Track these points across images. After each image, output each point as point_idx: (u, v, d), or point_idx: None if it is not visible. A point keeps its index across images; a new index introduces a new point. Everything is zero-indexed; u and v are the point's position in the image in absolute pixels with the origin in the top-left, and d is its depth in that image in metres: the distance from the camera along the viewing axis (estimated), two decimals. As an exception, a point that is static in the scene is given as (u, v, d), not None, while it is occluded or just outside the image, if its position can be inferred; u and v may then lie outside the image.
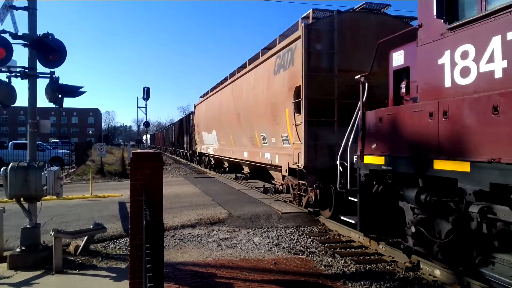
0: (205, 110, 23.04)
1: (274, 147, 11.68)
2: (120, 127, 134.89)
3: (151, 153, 4.81)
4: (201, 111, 24.85)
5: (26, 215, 6.78)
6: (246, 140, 14.52)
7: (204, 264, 6.46)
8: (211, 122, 21.03)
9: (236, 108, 15.51)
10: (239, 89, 15.14)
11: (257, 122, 12.89)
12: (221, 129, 18.51)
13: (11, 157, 24.58)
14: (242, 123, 14.67)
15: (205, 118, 22.97)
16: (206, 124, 22.68)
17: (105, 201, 12.76)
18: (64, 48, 7.08)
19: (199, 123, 25.41)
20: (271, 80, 11.42)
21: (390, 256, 6.81)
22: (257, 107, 12.63)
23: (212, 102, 21.13)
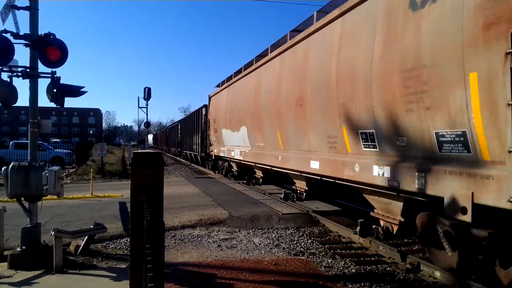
0: (228, 100, 16.86)
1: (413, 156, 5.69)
2: (121, 127, 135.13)
3: (152, 153, 4.81)
4: (220, 102, 18.48)
5: (27, 214, 6.79)
6: (316, 140, 8.62)
7: (204, 265, 6.46)
8: (238, 116, 15.00)
9: (292, 92, 9.58)
10: (300, 59, 9.25)
11: (353, 108, 6.94)
12: (258, 124, 12.57)
13: (12, 157, 24.60)
14: (310, 113, 8.68)
15: (227, 111, 16.89)
16: (229, 119, 16.57)
17: (106, 201, 12.77)
18: (66, 48, 7.09)
19: (217, 118, 18.97)
20: (403, 22, 5.63)
21: (390, 257, 6.81)
22: (355, 81, 6.82)
23: (240, 88, 15.06)
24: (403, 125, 5.74)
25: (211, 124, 20.58)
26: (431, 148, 5.26)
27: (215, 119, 19.54)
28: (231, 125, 16.26)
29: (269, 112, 11.43)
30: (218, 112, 18.75)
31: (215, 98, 20.10)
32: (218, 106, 19.01)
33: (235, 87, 15.94)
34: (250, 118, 13.33)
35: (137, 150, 5.33)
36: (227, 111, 16.81)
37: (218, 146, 19.33)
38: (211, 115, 20.65)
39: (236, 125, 15.43)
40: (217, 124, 19.06)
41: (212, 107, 20.74)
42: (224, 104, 17.46)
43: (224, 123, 17.45)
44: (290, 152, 10.17)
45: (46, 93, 7.13)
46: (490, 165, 4.43)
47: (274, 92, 11.01)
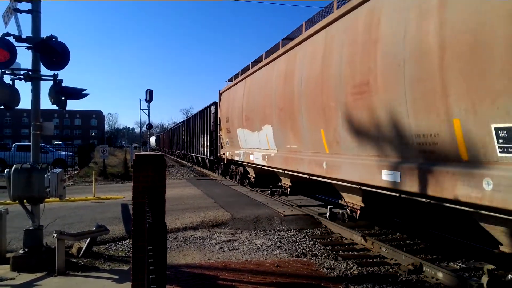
0: (245, 95, 14.34)
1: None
2: (122, 129, 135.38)
3: (154, 155, 4.82)
4: (234, 98, 16.12)
5: (29, 216, 6.80)
6: (395, 141, 6.10)
7: (206, 267, 6.46)
8: (259, 112, 12.54)
9: (349, 75, 7.11)
10: (363, 28, 6.71)
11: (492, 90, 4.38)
12: (290, 122, 10.03)
13: (14, 159, 24.65)
14: (382, 102, 6.24)
15: (243, 108, 14.41)
16: (246, 117, 14.12)
17: (108, 203, 12.78)
18: (68, 51, 7.12)
19: (230, 116, 16.58)
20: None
21: (393, 258, 6.79)
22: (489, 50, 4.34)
23: (262, 78, 12.52)
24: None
25: (223, 123, 18.17)
26: None
27: (227, 118, 17.13)
28: (249, 124, 13.79)
29: (307, 105, 8.84)
30: (232, 110, 16.31)
31: (226, 94, 17.76)
32: (231, 103, 16.63)
33: (254, 79, 13.41)
34: (277, 114, 10.81)
35: (139, 152, 5.33)
36: (244, 107, 14.30)
37: (232, 149, 16.83)
38: (222, 113, 18.26)
39: (256, 124, 12.93)
40: (230, 124, 16.66)
41: (223, 104, 18.33)
42: (240, 100, 14.91)
43: (239, 122, 14.98)
44: (343, 157, 7.58)
45: (48, 95, 7.15)
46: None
47: (316, 79, 8.34)
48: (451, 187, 4.90)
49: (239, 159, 15.64)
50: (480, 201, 4.48)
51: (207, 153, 23.15)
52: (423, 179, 5.38)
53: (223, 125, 18.17)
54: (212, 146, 21.84)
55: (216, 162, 21.96)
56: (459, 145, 4.78)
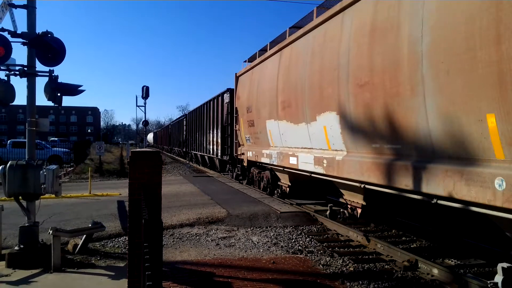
0: (281, 73, 10.59)
1: None
2: (119, 126, 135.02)
3: (150, 152, 4.81)
4: (261, 80, 12.32)
5: (25, 213, 6.78)
6: None
7: (202, 263, 6.46)
8: (312, 95, 8.68)
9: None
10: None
11: None
12: (385, 107, 6.23)
13: (9, 155, 24.51)
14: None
15: (279, 90, 10.63)
16: (283, 103, 10.35)
17: (104, 199, 12.75)
18: (63, 47, 7.07)
19: (253, 105, 12.90)
20: None
21: (389, 255, 6.82)
22: None
23: (316, 44, 8.67)
24: None
25: (242, 115, 14.40)
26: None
27: (249, 108, 13.38)
28: (289, 113, 9.91)
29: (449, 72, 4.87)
30: (257, 96, 12.52)
31: (247, 76, 14.04)
32: (255, 87, 12.84)
33: (300, 47, 9.42)
34: (354, 94, 6.95)
35: (136, 149, 5.32)
36: (280, 90, 10.43)
37: (256, 147, 13.11)
38: (241, 102, 14.51)
39: (304, 112, 9.01)
40: (253, 115, 12.88)
41: (242, 90, 14.58)
42: (271, 81, 11.16)
43: (271, 111, 11.20)
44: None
45: (44, 91, 7.11)
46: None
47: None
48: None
49: (269, 162, 11.67)
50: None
51: (218, 152, 19.18)
52: None
53: (243, 117, 14.32)
54: (225, 144, 17.64)
55: (231, 163, 17.54)
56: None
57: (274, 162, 11.35)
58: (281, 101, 10.46)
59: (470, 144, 4.76)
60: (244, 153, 14.49)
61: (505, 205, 4.26)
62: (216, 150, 19.61)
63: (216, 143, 19.64)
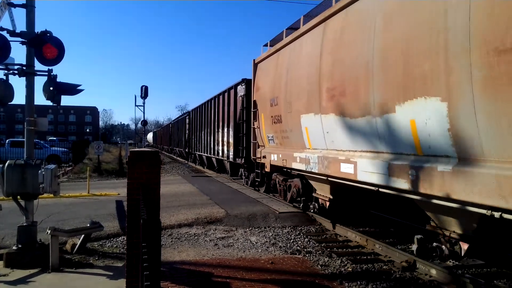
0: (327, 51, 7.92)
1: None
2: (117, 126, 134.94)
3: (149, 152, 4.81)
4: (292, 64, 9.79)
5: (23, 213, 6.76)
6: None
7: (201, 263, 6.46)
8: (395, 74, 5.83)
9: None
10: None
11: None
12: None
13: (8, 155, 24.48)
14: None
15: (322, 76, 8.05)
16: (334, 90, 7.60)
17: (102, 199, 12.74)
18: (62, 46, 7.07)
19: (281, 96, 10.32)
20: None
21: (387, 256, 6.83)
22: None
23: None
24: None
25: (263, 109, 11.80)
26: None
27: (274, 100, 10.81)
28: (341, 103, 7.34)
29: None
30: (285, 85, 9.95)
31: (271, 62, 11.40)
32: (283, 74, 10.16)
33: (358, 14, 6.99)
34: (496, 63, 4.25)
35: (134, 149, 5.32)
36: (324, 74, 7.87)
37: (284, 149, 10.51)
38: (262, 94, 11.99)
39: (369, 101, 6.48)
40: (280, 108, 10.33)
41: (263, 80, 11.99)
42: (309, 64, 8.59)
43: (308, 102, 8.62)
44: None
45: (43, 91, 7.10)
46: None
47: None
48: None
49: (304, 169, 8.99)
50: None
51: (229, 154, 16.61)
52: None
53: (264, 112, 11.74)
54: (238, 144, 15.09)
55: (246, 167, 15.05)
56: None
57: (313, 169, 8.48)
58: (327, 88, 7.70)
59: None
60: (266, 156, 11.72)
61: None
62: (227, 152, 16.97)
63: (227, 144, 17.10)
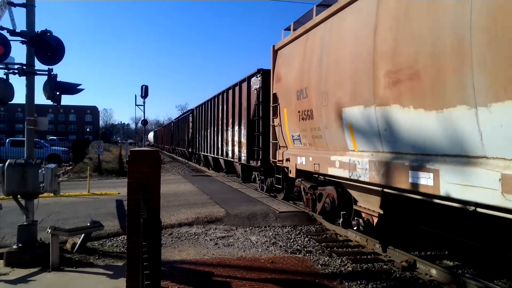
0: (381, 28, 6.12)
1: None
2: (118, 125, 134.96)
3: (149, 151, 4.81)
4: (329, 47, 7.82)
5: (23, 212, 6.77)
6: None
7: (201, 263, 6.46)
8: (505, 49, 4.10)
9: None
10: None
11: None
12: None
13: (8, 154, 24.48)
14: None
15: (378, 57, 6.13)
16: (394, 75, 5.75)
17: (103, 198, 12.74)
18: (63, 45, 7.07)
19: (309, 87, 8.59)
20: None
21: (387, 255, 6.83)
22: None
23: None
24: None
25: (286, 103, 10.03)
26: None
27: (301, 92, 8.97)
28: (412, 90, 5.46)
29: None
30: (319, 72, 8.06)
31: (297, 47, 9.54)
32: (315, 59, 8.31)
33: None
34: None
35: (135, 148, 5.32)
36: (382, 54, 6.10)
37: (316, 151, 8.64)
38: (284, 85, 10.23)
39: (464, 86, 4.66)
40: (311, 101, 8.48)
41: (286, 68, 10.18)
42: (357, 43, 6.81)
43: (355, 91, 6.84)
44: None
45: (43, 90, 7.11)
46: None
47: None
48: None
49: (347, 176, 7.13)
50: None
51: (241, 155, 14.82)
52: None
53: (288, 107, 9.90)
54: (252, 145, 13.21)
55: (263, 171, 13.10)
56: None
57: (361, 177, 6.66)
58: (387, 72, 5.91)
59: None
60: (290, 159, 9.86)
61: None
62: (238, 153, 15.13)
63: (238, 144, 15.26)
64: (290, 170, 9.92)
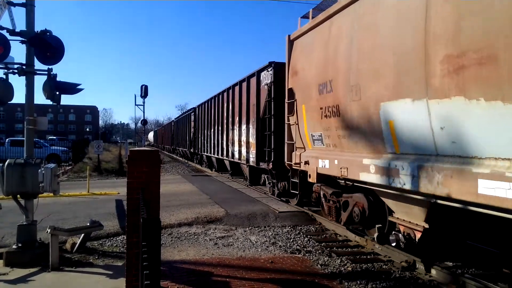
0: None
1: None
2: (117, 125, 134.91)
3: (149, 151, 4.81)
4: (360, 32, 6.59)
5: (23, 212, 6.77)
6: None
7: (200, 263, 6.46)
8: None
9: None
10: None
11: None
12: None
13: (8, 154, 24.45)
14: None
15: (434, 39, 4.94)
16: (458, 58, 4.60)
17: (102, 198, 12.74)
18: (62, 45, 7.07)
19: (335, 80, 7.36)
20: None
21: (386, 255, 6.83)
22: None
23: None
24: None
25: (305, 99, 8.86)
26: None
27: (324, 85, 7.81)
28: (493, 76, 4.25)
29: None
30: (347, 62, 7.00)
31: (317, 35, 8.34)
32: (342, 48, 7.22)
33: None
34: None
35: (134, 148, 5.33)
36: (434, 37, 4.97)
37: (342, 153, 7.51)
38: (302, 78, 9.02)
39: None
40: (338, 95, 7.35)
41: (305, 60, 8.94)
42: (400, 26, 5.61)
43: (399, 82, 5.68)
44: None
45: (43, 90, 7.10)
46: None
47: None
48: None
49: (384, 183, 6.06)
50: None
51: (249, 157, 13.73)
52: None
53: (306, 103, 8.77)
54: (263, 145, 12.14)
55: (275, 174, 11.72)
56: None
57: (405, 185, 5.55)
58: (446, 56, 4.82)
59: None
60: (310, 161, 8.62)
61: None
62: (246, 154, 14.03)
63: (245, 144, 14.14)
64: (310, 174, 8.61)
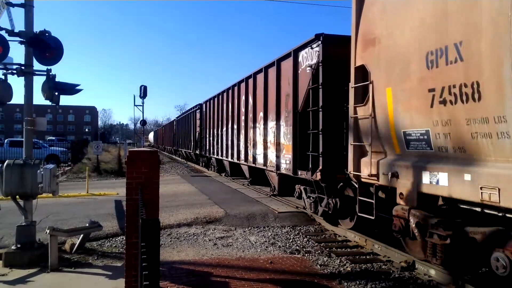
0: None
1: None
2: (116, 125, 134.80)
3: (148, 151, 4.81)
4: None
5: (22, 212, 6.76)
6: None
7: (200, 263, 6.46)
8: None
9: None
10: None
11: None
12: None
13: (6, 155, 24.40)
14: None
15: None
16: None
17: (101, 199, 12.73)
18: (61, 46, 7.07)
19: (479, 39, 4.46)
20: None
21: (386, 256, 6.84)
22: None
23: None
24: None
25: (393, 79, 6.08)
26: None
27: (443, 54, 5.08)
28: None
29: None
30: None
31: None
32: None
33: None
34: None
35: (133, 149, 5.33)
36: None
37: (478, 162, 4.67)
38: (385, 49, 6.31)
39: None
40: (487, 65, 4.40)
41: (388, 22, 6.23)
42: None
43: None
44: None
45: (42, 90, 7.10)
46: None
47: None
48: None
49: None
50: None
51: (281, 162, 10.97)
52: None
53: (396, 84, 6.03)
54: (305, 148, 9.20)
55: (326, 188, 8.50)
56: None
57: None
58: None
59: None
60: (399, 172, 6.00)
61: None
62: (276, 159, 11.25)
63: (275, 146, 11.37)
64: (401, 194, 5.97)
